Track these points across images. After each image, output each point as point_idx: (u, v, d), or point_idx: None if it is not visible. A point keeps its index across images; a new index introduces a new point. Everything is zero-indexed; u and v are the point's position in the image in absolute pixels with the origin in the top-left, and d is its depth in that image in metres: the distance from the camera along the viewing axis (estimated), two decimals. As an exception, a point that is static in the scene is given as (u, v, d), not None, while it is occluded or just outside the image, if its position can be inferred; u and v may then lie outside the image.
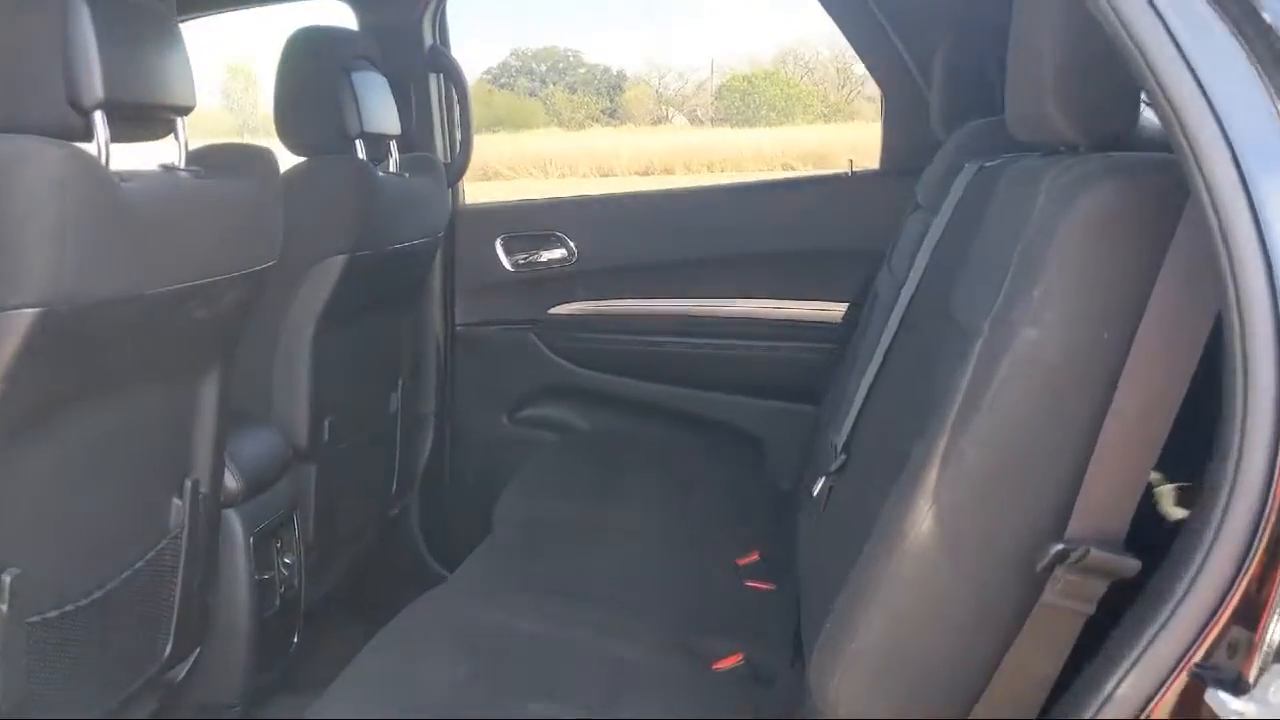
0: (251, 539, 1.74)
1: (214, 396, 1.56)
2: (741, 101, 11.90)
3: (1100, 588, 0.96)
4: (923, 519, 0.98)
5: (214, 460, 1.60)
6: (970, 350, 1.01)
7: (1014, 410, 0.97)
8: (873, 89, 2.44)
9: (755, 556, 1.85)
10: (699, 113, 12.24)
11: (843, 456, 1.50)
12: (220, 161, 1.45)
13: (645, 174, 10.02)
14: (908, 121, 2.33)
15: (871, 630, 1.02)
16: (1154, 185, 0.96)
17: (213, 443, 1.58)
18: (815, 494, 1.55)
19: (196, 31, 2.48)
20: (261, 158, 1.51)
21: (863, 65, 2.41)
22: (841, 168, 2.51)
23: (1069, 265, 0.96)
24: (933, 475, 0.99)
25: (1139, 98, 1.10)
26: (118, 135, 1.26)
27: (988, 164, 1.45)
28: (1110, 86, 1.07)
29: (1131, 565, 0.95)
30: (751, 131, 11.20)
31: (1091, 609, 0.96)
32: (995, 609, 0.99)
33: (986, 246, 1.20)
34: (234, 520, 1.72)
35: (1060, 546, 0.95)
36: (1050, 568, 0.95)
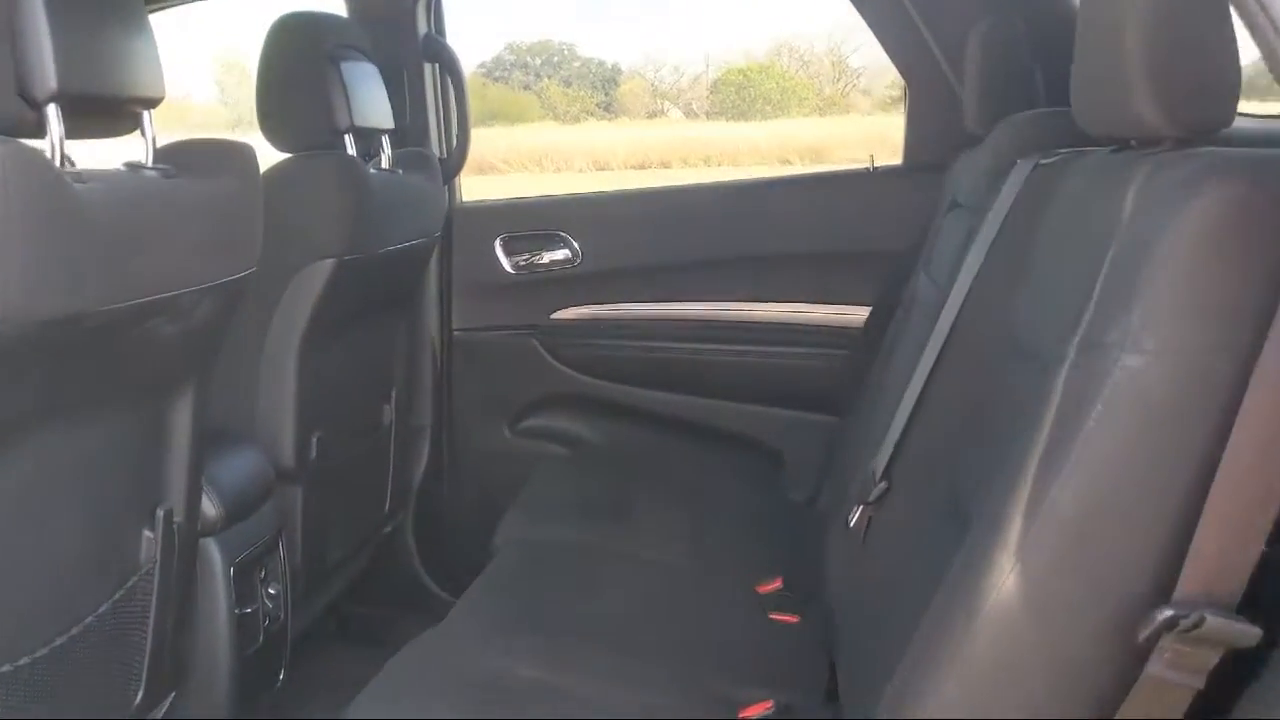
0: (232, 570, 1.60)
1: (188, 416, 1.42)
2: (737, 95, 11.79)
3: (1213, 658, 0.82)
4: (1005, 578, 0.84)
5: (189, 486, 1.46)
6: (1052, 380, 0.87)
7: (1112, 452, 0.83)
8: (867, 83, 2.34)
9: (778, 584, 1.71)
10: (694, 106, 12.12)
11: (883, 485, 1.37)
12: (193, 159, 1.31)
13: (642, 168, 9.90)
14: (934, 114, 2.20)
15: (944, 702, 0.88)
16: (1275, 185, 0.82)
17: (188, 467, 1.44)
18: (851, 524, 1.41)
19: (191, 23, 2.37)
20: (239, 154, 1.37)
21: (858, 58, 2.32)
22: (841, 163, 2.40)
23: (1177, 281, 0.82)
24: (1015, 527, 0.85)
25: (1238, 87, 0.96)
26: (75, 131, 1.13)
27: (1044, 161, 1.31)
28: (1206, 73, 0.93)
29: (1251, 634, 0.81)
30: (747, 125, 11.09)
31: (1201, 682, 0.83)
32: (1090, 682, 0.85)
33: (1057, 255, 1.07)
34: (212, 550, 1.58)
35: (1169, 613, 0.81)
36: (1156, 636, 0.82)
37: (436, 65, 2.40)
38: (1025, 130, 1.52)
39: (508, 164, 9.61)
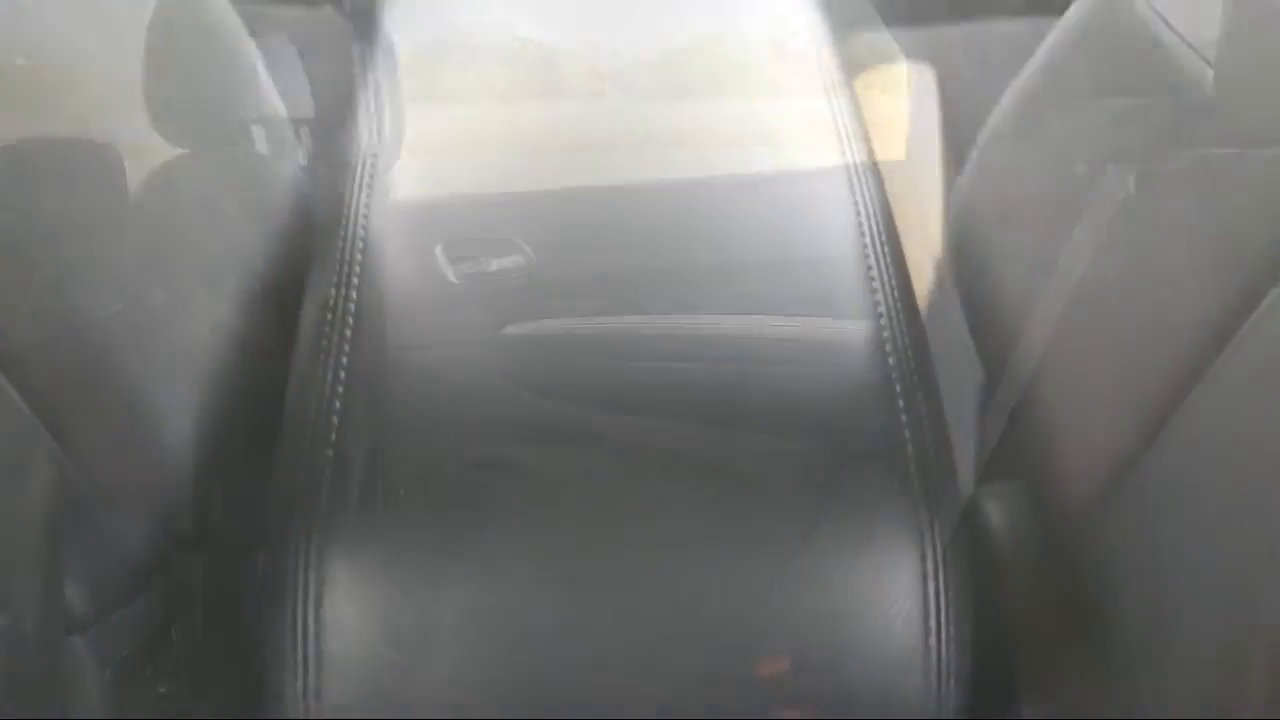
0: (108, 673, 1.30)
1: (41, 496, 1.11)
2: (679, 76, 11.72)
3: None
4: None
5: (42, 581, 1.15)
6: None
7: None
8: (808, 66, 2.18)
9: (785, 664, 1.45)
10: (636, 87, 12.05)
11: None
12: (32, 165, 1.00)
13: (584, 149, 9.76)
14: None
15: None
16: None
17: (37, 557, 1.13)
18: None
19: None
20: (96, 156, 1.06)
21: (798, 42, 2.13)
22: (789, 146, 2.20)
23: None
24: None
25: None
26: None
27: (1147, 169, 1.03)
28: None
29: None
30: (691, 106, 11.03)
31: None
32: None
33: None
34: (80, 652, 1.27)
35: None
36: None
37: (366, 42, 2.12)
38: (1095, 125, 1.25)
39: (442, 146, 9.41)
